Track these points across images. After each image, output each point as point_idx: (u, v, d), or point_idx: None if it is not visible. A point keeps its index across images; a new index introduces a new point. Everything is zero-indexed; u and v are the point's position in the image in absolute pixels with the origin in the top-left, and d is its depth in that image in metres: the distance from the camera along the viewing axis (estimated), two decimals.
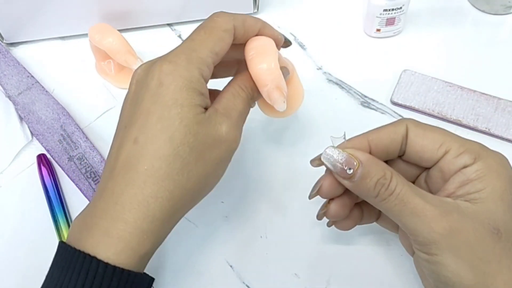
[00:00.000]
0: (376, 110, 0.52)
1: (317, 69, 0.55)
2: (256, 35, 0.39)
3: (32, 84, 0.54)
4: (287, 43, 0.41)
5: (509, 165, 0.34)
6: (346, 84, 0.54)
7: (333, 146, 0.36)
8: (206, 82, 0.35)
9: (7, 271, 0.45)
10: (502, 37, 0.57)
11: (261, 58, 0.37)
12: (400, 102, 0.52)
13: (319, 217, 0.40)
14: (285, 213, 0.47)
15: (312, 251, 0.45)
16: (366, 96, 0.53)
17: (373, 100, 0.53)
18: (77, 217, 0.35)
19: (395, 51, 0.56)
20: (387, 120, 0.51)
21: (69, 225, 0.46)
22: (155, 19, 0.59)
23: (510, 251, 0.32)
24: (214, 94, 0.38)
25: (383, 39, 0.57)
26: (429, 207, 0.32)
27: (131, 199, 0.32)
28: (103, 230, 0.33)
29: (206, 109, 0.35)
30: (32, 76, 0.54)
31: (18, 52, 0.58)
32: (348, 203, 0.38)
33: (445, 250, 0.31)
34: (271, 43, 0.38)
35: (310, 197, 0.38)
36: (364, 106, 0.53)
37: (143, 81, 0.35)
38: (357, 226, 0.43)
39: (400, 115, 0.52)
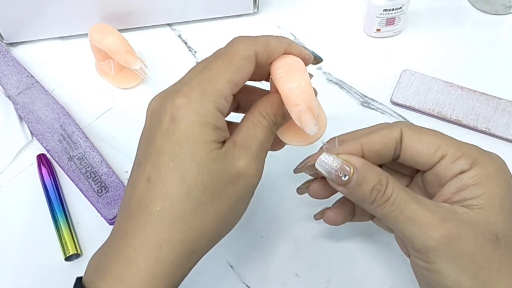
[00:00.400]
0: (376, 110, 0.52)
1: (317, 69, 0.55)
2: (286, 52, 0.36)
3: (32, 84, 0.54)
4: (317, 60, 0.39)
5: (507, 169, 0.33)
6: (346, 84, 0.54)
7: (327, 153, 0.34)
8: (225, 114, 0.33)
9: (7, 271, 0.45)
10: (502, 37, 0.57)
11: (291, 76, 0.34)
12: (400, 102, 0.52)
13: (300, 190, 0.40)
14: (285, 213, 0.47)
15: (312, 251, 0.45)
16: (366, 96, 0.53)
17: (373, 100, 0.53)
18: (94, 254, 0.34)
19: (395, 51, 0.56)
20: (387, 120, 0.51)
21: (69, 225, 0.46)
22: (155, 19, 0.59)
23: (509, 257, 0.31)
24: (235, 125, 0.36)
25: (383, 39, 0.57)
26: (426, 213, 0.31)
27: (143, 242, 0.31)
28: (115, 274, 0.31)
29: (224, 142, 0.33)
30: (32, 76, 0.54)
31: (18, 52, 0.58)
32: (330, 188, 0.38)
33: (444, 258, 0.31)
34: (300, 62, 0.36)
35: (295, 171, 0.38)
36: (364, 106, 0.53)
37: (156, 115, 0.34)
38: (357, 226, 0.43)
39: (400, 115, 0.52)
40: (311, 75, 0.37)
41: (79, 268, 0.45)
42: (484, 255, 0.31)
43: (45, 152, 0.50)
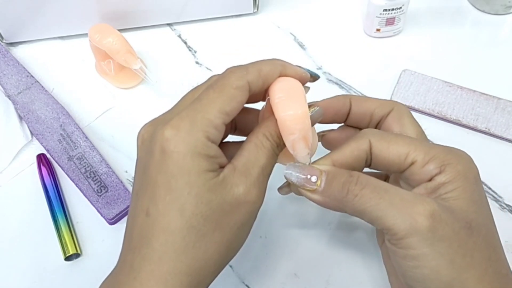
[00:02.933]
0: None
1: (317, 69, 0.55)
2: (281, 75, 0.36)
3: (32, 84, 0.54)
4: (314, 78, 0.38)
5: (474, 165, 0.34)
6: (346, 84, 0.54)
7: (293, 162, 0.35)
8: (218, 142, 0.33)
9: (7, 271, 0.45)
10: (502, 37, 0.57)
11: (289, 103, 0.34)
12: (400, 102, 0.51)
13: (282, 190, 0.40)
14: (285, 213, 0.47)
15: (312, 251, 0.45)
16: (366, 96, 0.53)
17: None
18: (101, 285, 0.34)
19: (395, 51, 0.56)
20: None
21: (69, 225, 0.46)
22: (155, 19, 0.59)
23: (480, 245, 0.32)
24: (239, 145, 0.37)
25: (383, 39, 0.57)
26: (408, 196, 0.32)
27: (148, 276, 0.31)
28: None
29: (222, 167, 0.33)
30: (31, 75, 0.54)
31: (18, 51, 0.58)
32: None
33: (426, 242, 0.31)
34: (299, 86, 0.35)
35: (280, 190, 0.39)
36: None
37: (147, 146, 0.34)
38: (357, 226, 0.43)
39: None
40: (307, 88, 0.37)
41: (78, 268, 0.45)
42: (460, 241, 0.31)
43: (45, 152, 0.50)
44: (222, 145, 0.37)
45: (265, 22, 0.59)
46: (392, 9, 0.53)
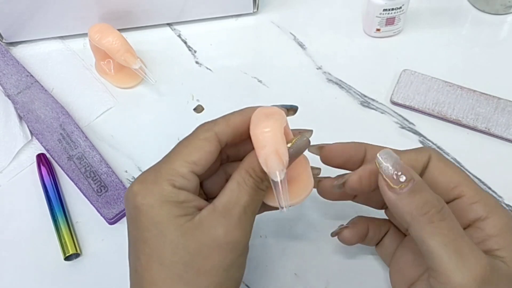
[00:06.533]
0: (376, 110, 0.52)
1: (317, 68, 0.55)
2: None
3: (32, 83, 0.54)
4: (293, 110, 0.37)
5: None
6: (345, 83, 0.54)
7: (391, 150, 0.33)
8: (190, 189, 0.33)
9: (6, 271, 0.45)
10: (502, 37, 0.57)
11: (259, 121, 0.33)
12: (400, 101, 0.52)
13: (333, 234, 0.39)
14: (285, 213, 0.46)
15: (312, 251, 0.45)
16: (366, 96, 0.53)
17: (373, 100, 0.53)
18: None
19: (395, 51, 0.56)
20: (387, 119, 0.51)
21: (68, 225, 0.46)
22: (155, 19, 0.59)
23: None
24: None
25: (383, 39, 0.57)
26: (476, 254, 0.30)
27: None
28: None
29: (201, 209, 0.33)
30: (31, 75, 0.54)
31: (18, 51, 0.58)
32: (359, 235, 0.38)
33: None
34: (278, 112, 0.34)
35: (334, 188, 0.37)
36: (364, 105, 0.53)
37: (125, 204, 0.34)
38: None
39: (400, 115, 0.51)
40: (293, 112, 0.36)
41: (78, 267, 0.45)
42: None
43: (44, 151, 0.50)
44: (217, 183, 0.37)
45: (265, 22, 0.59)
46: (392, 9, 0.53)
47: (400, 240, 0.39)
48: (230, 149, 0.37)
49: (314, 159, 0.38)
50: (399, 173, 0.31)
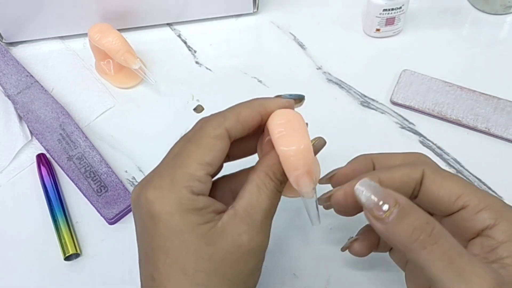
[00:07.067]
0: (375, 110, 0.52)
1: (317, 68, 0.55)
2: (262, 115, 0.34)
3: (32, 83, 0.54)
4: (300, 100, 0.36)
5: None
6: (345, 83, 0.54)
7: (368, 179, 0.31)
8: (206, 193, 0.32)
9: (6, 271, 0.45)
10: (502, 37, 0.57)
11: (290, 137, 0.32)
12: (399, 102, 0.52)
13: (343, 249, 0.38)
14: (285, 213, 0.46)
15: (312, 251, 0.45)
16: (365, 96, 0.53)
17: (373, 100, 0.53)
18: None
19: (394, 51, 0.56)
20: (387, 119, 0.51)
21: (68, 225, 0.46)
22: (154, 19, 0.59)
23: None
24: (240, 178, 0.35)
25: (383, 39, 0.57)
26: (479, 271, 0.28)
27: None
28: None
29: (220, 212, 0.32)
30: (31, 75, 0.54)
31: (18, 51, 0.58)
32: (369, 247, 0.37)
33: None
34: (298, 117, 0.33)
35: (319, 182, 0.36)
36: (364, 105, 0.53)
37: (137, 210, 0.33)
38: (357, 226, 0.43)
39: (400, 115, 0.51)
40: (300, 102, 0.36)
41: (78, 267, 0.45)
42: None
43: (44, 151, 0.50)
44: (222, 179, 0.37)
45: (265, 22, 0.59)
46: (392, 9, 0.53)
47: None
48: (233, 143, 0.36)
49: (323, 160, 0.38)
50: (381, 202, 0.30)
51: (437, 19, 0.58)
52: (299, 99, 0.36)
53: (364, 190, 0.30)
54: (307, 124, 0.35)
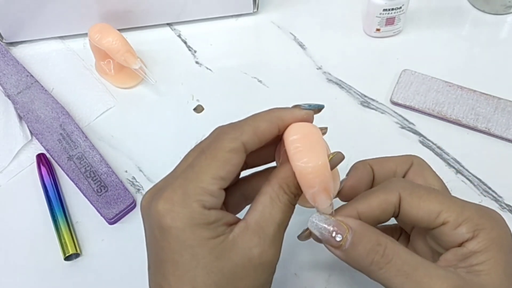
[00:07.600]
0: (376, 110, 0.52)
1: (317, 68, 0.55)
2: (280, 127, 0.33)
3: (32, 83, 0.54)
4: (319, 110, 0.36)
5: (508, 230, 0.32)
6: (345, 83, 0.54)
7: (319, 213, 0.32)
8: (218, 206, 0.31)
9: (6, 271, 0.45)
10: (502, 37, 0.57)
11: (306, 154, 0.31)
12: (399, 101, 0.52)
13: (301, 237, 0.38)
14: None
15: (312, 251, 0.44)
16: (365, 96, 0.53)
17: (373, 100, 0.53)
18: None
19: (395, 51, 0.56)
20: (387, 119, 0.51)
21: (68, 225, 0.46)
22: (155, 19, 0.59)
23: None
24: (252, 182, 0.35)
25: (383, 39, 0.57)
26: (436, 281, 0.30)
27: None
28: None
29: (231, 224, 0.31)
30: (31, 75, 0.54)
31: (18, 51, 0.58)
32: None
33: None
34: (315, 131, 0.33)
35: (300, 238, 0.37)
36: (364, 105, 0.53)
37: (147, 219, 0.32)
38: None
39: (400, 115, 0.51)
40: (325, 129, 0.35)
41: (78, 267, 0.45)
42: None
43: (44, 151, 0.50)
44: (234, 184, 0.36)
45: (265, 22, 0.59)
46: (392, 9, 0.53)
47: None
48: (252, 160, 0.35)
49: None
50: (334, 233, 0.31)
51: (437, 19, 0.58)
52: (318, 109, 0.35)
53: (317, 223, 0.32)
54: (326, 128, 0.35)
